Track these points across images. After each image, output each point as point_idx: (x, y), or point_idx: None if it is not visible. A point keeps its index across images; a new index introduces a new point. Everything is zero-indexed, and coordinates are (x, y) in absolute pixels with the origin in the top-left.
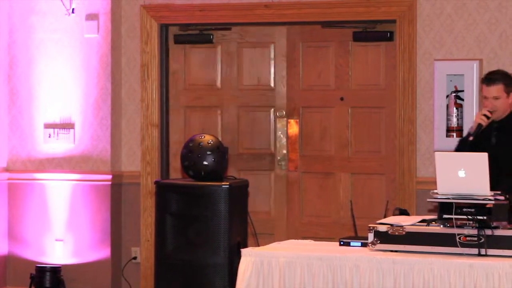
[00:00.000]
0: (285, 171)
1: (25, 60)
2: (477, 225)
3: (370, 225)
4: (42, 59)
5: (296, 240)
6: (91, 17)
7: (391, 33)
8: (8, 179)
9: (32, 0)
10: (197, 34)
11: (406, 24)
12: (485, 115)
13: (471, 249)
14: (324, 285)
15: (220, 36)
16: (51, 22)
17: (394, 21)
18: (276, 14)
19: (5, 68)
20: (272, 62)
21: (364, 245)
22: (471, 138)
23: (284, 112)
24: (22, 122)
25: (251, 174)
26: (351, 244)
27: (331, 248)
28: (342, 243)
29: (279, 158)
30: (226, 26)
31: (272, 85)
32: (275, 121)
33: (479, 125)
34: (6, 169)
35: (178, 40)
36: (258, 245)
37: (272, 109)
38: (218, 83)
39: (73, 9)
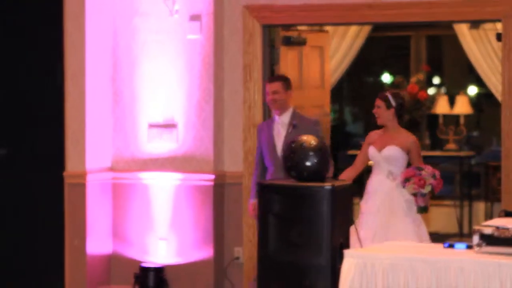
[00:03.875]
0: None
1: (128, 61)
2: None
3: (475, 227)
4: (145, 60)
5: (399, 241)
6: (194, 18)
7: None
8: (113, 178)
9: (136, 2)
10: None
11: (511, 23)
12: None
13: None
14: None
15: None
16: (154, 23)
17: (499, 21)
18: (379, 15)
19: (109, 70)
20: None
21: (469, 247)
22: None
23: None
24: (125, 123)
25: None
26: (456, 246)
27: (435, 250)
28: (446, 245)
29: None
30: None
31: None
32: None
33: None
34: (111, 169)
35: (282, 40)
36: (361, 247)
37: None
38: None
39: (176, 10)
